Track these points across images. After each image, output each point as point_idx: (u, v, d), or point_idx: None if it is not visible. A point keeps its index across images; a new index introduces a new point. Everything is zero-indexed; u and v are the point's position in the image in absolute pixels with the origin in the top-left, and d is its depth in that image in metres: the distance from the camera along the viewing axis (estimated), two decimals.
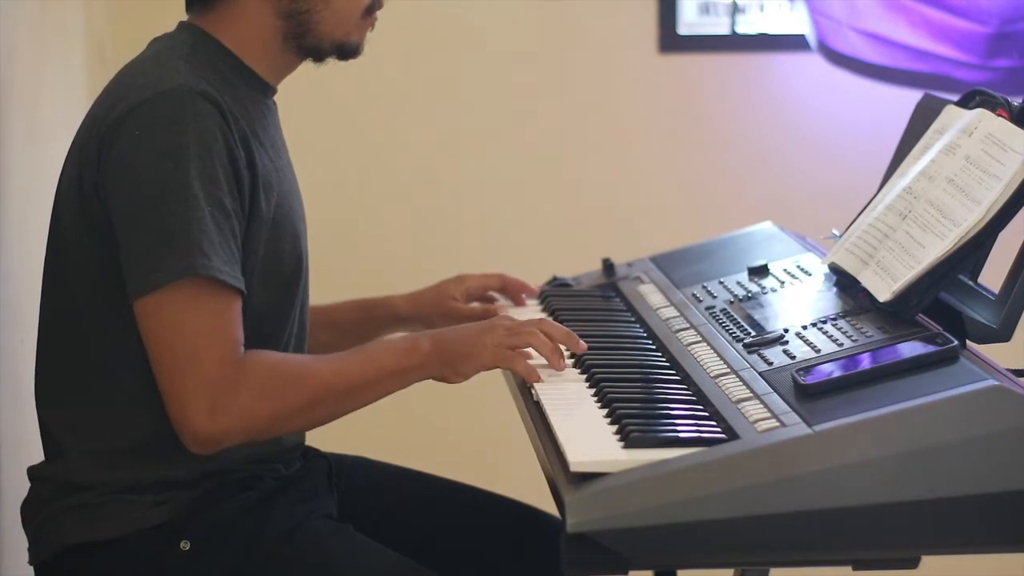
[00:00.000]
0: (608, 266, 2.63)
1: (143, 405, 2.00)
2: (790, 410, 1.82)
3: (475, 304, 2.49)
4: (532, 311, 2.45)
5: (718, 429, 1.83)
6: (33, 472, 2.12)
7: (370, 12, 2.13)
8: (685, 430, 1.83)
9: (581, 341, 2.08)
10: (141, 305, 1.95)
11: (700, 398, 1.95)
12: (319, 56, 2.14)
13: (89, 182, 2.00)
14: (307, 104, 3.54)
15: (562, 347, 2.07)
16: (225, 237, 1.96)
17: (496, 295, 2.52)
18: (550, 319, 2.12)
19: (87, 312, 2.03)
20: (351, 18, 2.11)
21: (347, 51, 2.14)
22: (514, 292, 2.51)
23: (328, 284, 2.64)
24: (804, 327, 2.08)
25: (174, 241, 1.93)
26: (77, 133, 2.07)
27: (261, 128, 2.09)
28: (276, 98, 2.18)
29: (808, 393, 1.85)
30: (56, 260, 2.08)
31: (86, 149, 2.01)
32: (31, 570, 2.11)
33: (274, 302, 2.09)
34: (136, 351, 1.98)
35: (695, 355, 2.10)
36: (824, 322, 2.08)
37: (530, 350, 2.06)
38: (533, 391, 2.01)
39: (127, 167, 1.96)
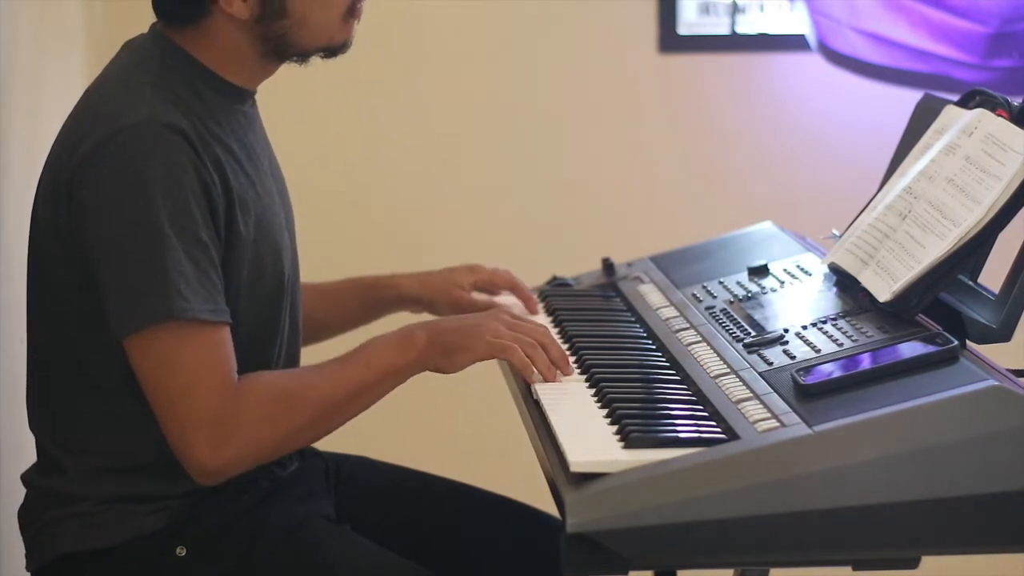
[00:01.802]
0: (608, 266, 2.63)
1: (141, 426, 1.99)
2: (790, 410, 1.82)
3: (482, 296, 2.48)
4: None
5: (718, 429, 1.83)
6: (28, 479, 2.12)
7: (352, 11, 2.08)
8: (685, 430, 1.83)
9: (570, 368, 2.06)
10: (128, 345, 1.94)
11: (700, 398, 1.95)
12: (303, 60, 2.11)
13: (63, 219, 1.98)
14: (306, 105, 3.54)
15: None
16: (203, 270, 1.94)
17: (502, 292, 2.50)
18: (551, 332, 2.10)
19: (77, 338, 2.02)
20: (331, 25, 2.07)
21: (333, 51, 2.10)
22: (521, 297, 2.47)
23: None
24: (804, 327, 2.08)
25: (150, 283, 1.91)
26: (49, 156, 2.04)
27: (236, 140, 2.06)
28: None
29: (808, 393, 1.85)
30: (40, 285, 2.06)
31: (57, 182, 1.99)
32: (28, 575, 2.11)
33: (262, 317, 2.08)
34: (129, 375, 1.97)
35: (695, 355, 2.10)
36: (824, 322, 2.08)
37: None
38: (533, 390, 2.01)
39: (98, 207, 1.94)
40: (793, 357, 1.98)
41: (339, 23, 2.08)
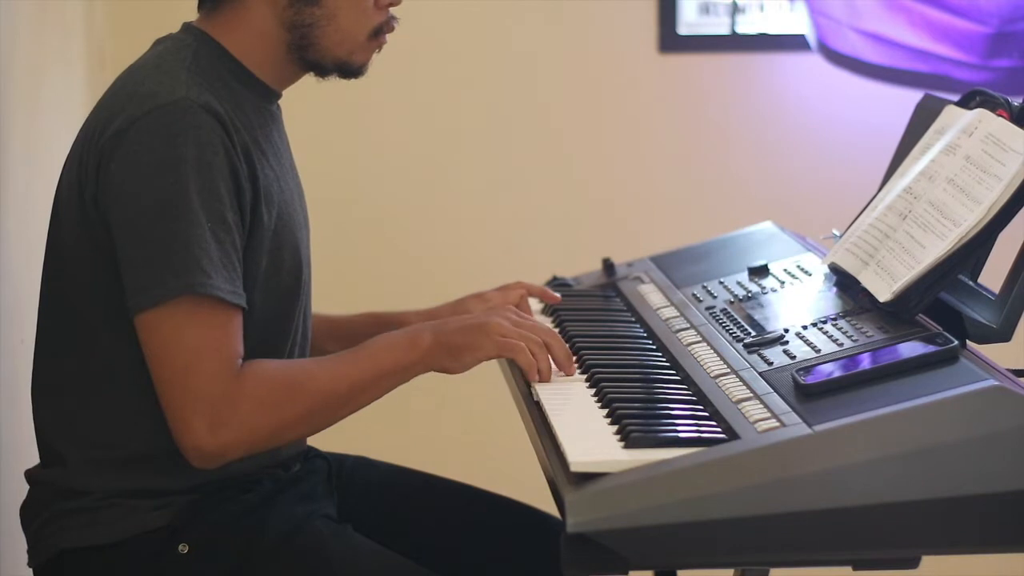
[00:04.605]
0: (608, 266, 2.63)
1: (145, 417, 1.99)
2: (790, 410, 1.82)
3: None
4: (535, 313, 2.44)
5: (718, 429, 1.83)
6: (31, 475, 2.12)
7: (378, 35, 2.11)
8: (685, 430, 1.83)
9: (573, 368, 2.07)
10: (141, 320, 1.94)
11: (700, 398, 1.95)
12: (321, 72, 2.12)
13: (89, 194, 1.99)
14: (309, 104, 3.54)
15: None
16: (226, 252, 1.95)
17: None
18: (557, 333, 2.10)
19: (88, 321, 2.02)
20: (356, 38, 2.09)
21: (349, 71, 2.12)
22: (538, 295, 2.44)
23: (329, 284, 2.64)
24: (804, 327, 2.08)
25: (173, 257, 1.92)
26: (77, 138, 2.06)
27: (263, 136, 2.08)
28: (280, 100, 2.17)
29: (808, 393, 1.85)
30: (56, 267, 2.07)
31: (86, 159, 2.00)
32: (30, 571, 2.11)
33: (277, 311, 2.08)
34: (137, 362, 1.97)
35: (695, 355, 2.10)
36: (824, 322, 2.08)
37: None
38: (533, 390, 2.01)
39: (127, 181, 1.95)
40: (793, 357, 1.98)
41: (363, 40, 2.10)
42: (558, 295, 2.44)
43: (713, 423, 1.86)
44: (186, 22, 2.12)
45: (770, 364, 1.98)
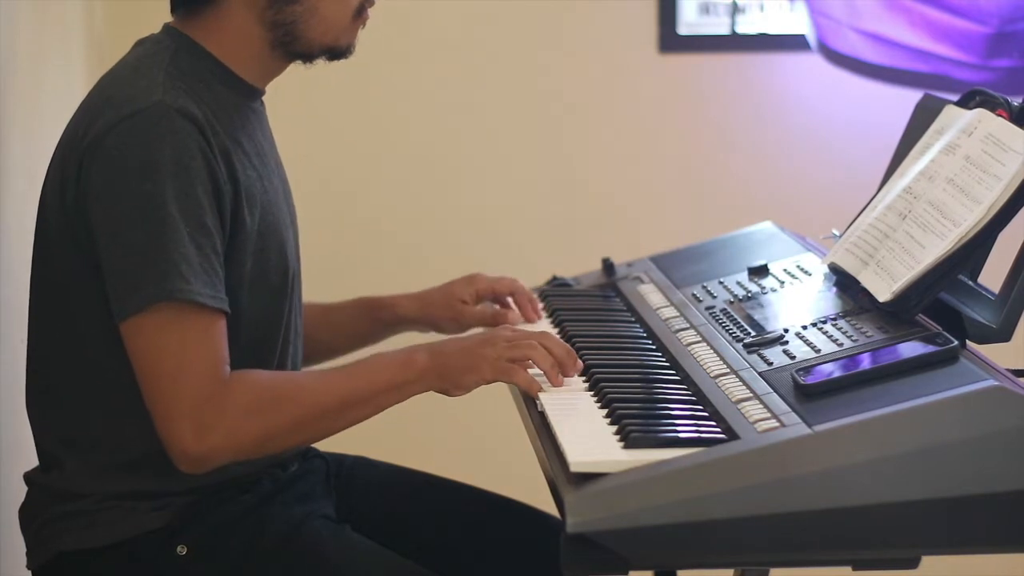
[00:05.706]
0: (608, 266, 2.63)
1: (141, 419, 1.98)
2: (790, 410, 1.82)
3: (484, 306, 2.45)
4: (541, 324, 2.41)
5: (718, 429, 1.83)
6: (30, 478, 2.12)
7: (360, 13, 2.10)
8: (685, 430, 1.83)
9: (579, 362, 2.05)
10: (124, 327, 1.94)
11: (700, 398, 1.95)
12: (308, 59, 2.11)
13: (71, 197, 1.98)
14: (307, 105, 3.55)
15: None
16: (206, 256, 1.94)
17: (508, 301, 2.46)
18: (553, 334, 2.10)
19: (78, 324, 2.02)
20: (340, 24, 2.08)
21: (337, 53, 2.11)
22: (522, 303, 2.43)
23: (329, 285, 2.64)
24: (804, 327, 2.08)
25: (152, 264, 1.91)
26: (60, 141, 2.05)
27: (245, 136, 2.07)
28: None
29: (808, 393, 1.85)
30: (44, 269, 2.07)
31: (67, 163, 2.00)
32: (29, 573, 2.10)
33: (265, 311, 2.08)
34: (129, 364, 1.97)
35: (695, 355, 2.10)
36: (824, 322, 2.08)
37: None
38: (538, 403, 1.99)
39: (105, 188, 1.94)
40: (793, 357, 1.98)
41: (347, 24, 2.09)
42: (536, 317, 2.41)
43: (713, 423, 1.85)
44: (166, 23, 2.11)
45: (770, 364, 1.98)
